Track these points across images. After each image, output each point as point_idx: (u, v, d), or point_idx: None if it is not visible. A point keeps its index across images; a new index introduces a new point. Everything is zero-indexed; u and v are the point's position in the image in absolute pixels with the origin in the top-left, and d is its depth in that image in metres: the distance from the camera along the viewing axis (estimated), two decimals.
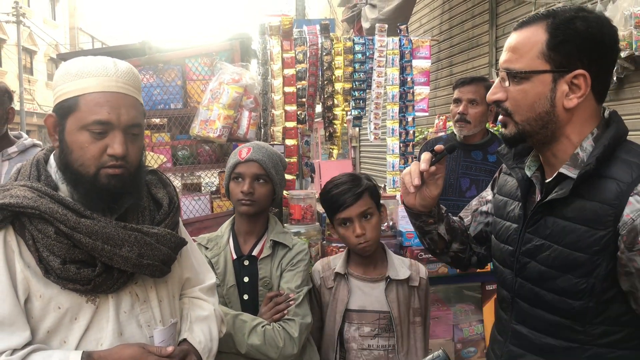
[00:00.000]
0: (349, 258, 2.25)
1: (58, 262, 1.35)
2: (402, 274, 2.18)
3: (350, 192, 2.10)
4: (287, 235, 2.25)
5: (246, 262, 2.17)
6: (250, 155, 2.17)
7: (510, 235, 1.52)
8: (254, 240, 2.23)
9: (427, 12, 8.04)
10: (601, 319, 1.33)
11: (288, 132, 3.94)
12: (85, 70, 1.40)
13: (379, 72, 4.17)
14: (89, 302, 1.41)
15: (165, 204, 1.58)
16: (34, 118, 27.23)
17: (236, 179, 2.19)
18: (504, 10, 5.87)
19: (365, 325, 2.15)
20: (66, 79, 1.40)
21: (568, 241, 1.34)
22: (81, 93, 1.39)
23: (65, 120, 1.40)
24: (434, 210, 1.67)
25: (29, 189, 1.37)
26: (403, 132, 4.25)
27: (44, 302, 1.36)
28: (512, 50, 1.40)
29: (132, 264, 1.42)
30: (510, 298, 1.52)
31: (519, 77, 1.38)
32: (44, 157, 1.50)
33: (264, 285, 2.14)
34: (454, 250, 1.75)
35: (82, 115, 1.38)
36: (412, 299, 2.19)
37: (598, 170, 1.31)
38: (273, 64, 3.97)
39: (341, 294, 2.17)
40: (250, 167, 2.16)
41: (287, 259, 2.17)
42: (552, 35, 1.33)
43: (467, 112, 3.14)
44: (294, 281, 2.12)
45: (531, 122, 1.39)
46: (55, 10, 30.69)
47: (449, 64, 7.29)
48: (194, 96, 3.62)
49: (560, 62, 1.33)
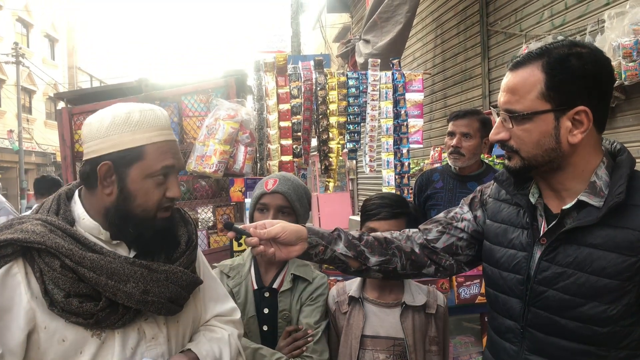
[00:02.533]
0: (365, 282, 2.21)
1: (62, 295, 1.37)
2: (418, 300, 2.13)
3: (389, 207, 2.10)
4: (307, 269, 2.24)
5: (267, 294, 2.17)
6: (276, 187, 2.19)
7: (518, 263, 1.50)
8: (275, 271, 2.22)
9: (420, 46, 8.18)
10: (626, 343, 1.34)
11: (284, 165, 3.96)
12: (145, 120, 1.47)
13: (372, 105, 4.22)
14: (94, 337, 1.42)
15: (183, 242, 1.60)
16: (33, 157, 27.31)
17: (261, 210, 2.22)
18: (495, 43, 5.98)
19: (380, 351, 2.08)
20: (123, 129, 1.45)
21: (595, 268, 1.34)
22: (146, 143, 1.46)
23: (128, 169, 1.45)
24: (312, 241, 1.62)
25: (42, 223, 1.41)
26: (398, 164, 4.28)
27: (48, 334, 1.38)
28: (511, 91, 1.42)
29: (135, 300, 1.42)
30: (520, 328, 1.49)
31: (521, 118, 1.40)
32: (67, 193, 1.56)
33: (283, 318, 2.14)
34: (376, 264, 1.67)
35: (149, 163, 1.45)
36: (429, 327, 2.13)
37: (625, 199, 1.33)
38: (268, 99, 4.02)
39: (356, 319, 2.13)
40: (275, 198, 2.18)
41: (307, 292, 2.17)
42: (549, 75, 1.36)
43: (461, 145, 3.19)
44: (313, 316, 2.12)
45: (537, 157, 1.42)
46: (54, 51, 31.09)
47: (443, 96, 7.37)
48: (190, 132, 3.66)
49: (561, 100, 1.36)
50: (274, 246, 1.58)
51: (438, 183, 3.49)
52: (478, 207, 1.72)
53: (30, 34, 28.11)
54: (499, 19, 5.87)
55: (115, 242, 1.50)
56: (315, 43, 19.73)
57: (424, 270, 1.72)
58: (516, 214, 1.56)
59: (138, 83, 3.79)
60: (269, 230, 1.56)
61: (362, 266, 1.67)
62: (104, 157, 1.44)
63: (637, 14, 3.49)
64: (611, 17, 3.71)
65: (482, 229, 1.68)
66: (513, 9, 5.57)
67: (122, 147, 1.44)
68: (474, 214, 1.71)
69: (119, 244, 1.51)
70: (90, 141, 1.46)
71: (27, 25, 27.79)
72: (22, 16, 26.89)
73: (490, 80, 6.11)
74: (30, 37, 28.01)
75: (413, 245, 1.71)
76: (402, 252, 1.70)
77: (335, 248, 1.64)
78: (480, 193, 1.74)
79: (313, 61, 4.22)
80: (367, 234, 1.72)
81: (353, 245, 1.66)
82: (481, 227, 1.68)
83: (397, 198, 2.18)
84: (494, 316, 1.62)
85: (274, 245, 1.58)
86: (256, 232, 1.55)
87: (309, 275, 2.20)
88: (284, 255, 1.60)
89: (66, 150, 3.58)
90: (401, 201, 2.16)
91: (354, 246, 1.66)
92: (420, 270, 1.72)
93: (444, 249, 1.70)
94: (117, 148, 1.44)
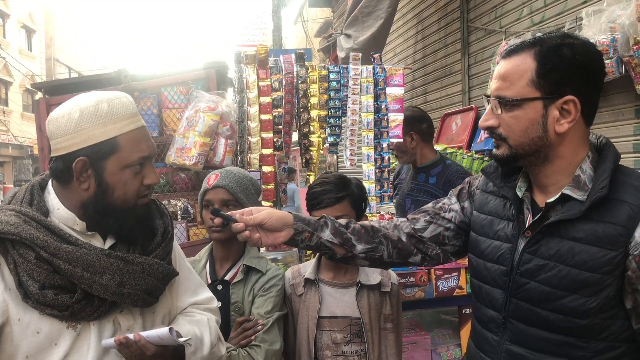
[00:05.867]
0: (320, 263, 2.22)
1: (36, 287, 1.35)
2: (373, 279, 2.16)
3: (330, 193, 2.09)
4: (261, 261, 2.24)
5: (219, 286, 2.17)
6: (217, 181, 2.18)
7: (503, 254, 1.52)
8: (229, 265, 2.23)
9: (401, 41, 8.21)
10: (605, 335, 1.36)
11: (265, 159, 3.95)
12: (115, 110, 1.45)
13: (353, 99, 4.22)
14: (69, 328, 1.41)
15: (159, 233, 1.59)
16: (10, 149, 26.85)
17: (206, 207, 2.22)
18: (475, 39, 6.03)
19: (337, 332, 2.11)
20: (94, 122, 1.42)
21: (577, 261, 1.36)
22: (118, 133, 1.44)
23: (104, 162, 1.43)
24: (297, 228, 1.64)
25: (16, 214, 1.39)
26: (378, 158, 4.29)
27: (22, 326, 1.36)
28: (502, 78, 1.44)
29: (111, 292, 1.41)
30: (501, 319, 1.52)
31: (510, 105, 1.42)
32: (40, 183, 1.53)
33: (235, 310, 2.14)
34: (362, 252, 1.69)
35: (125, 154, 1.45)
36: (384, 305, 2.16)
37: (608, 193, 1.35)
38: (249, 92, 4.00)
39: (312, 300, 2.14)
40: (218, 193, 2.18)
41: (259, 284, 2.17)
42: (540, 63, 1.38)
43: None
44: (265, 306, 2.11)
45: (524, 146, 1.44)
46: (31, 42, 30.55)
47: (423, 92, 7.41)
48: (170, 124, 3.63)
49: (550, 88, 1.38)
50: (260, 232, 1.60)
51: (403, 175, 3.78)
52: (466, 199, 1.74)
53: (7, 24, 27.58)
54: (479, 15, 5.92)
55: (90, 233, 1.49)
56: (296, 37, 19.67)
57: (410, 259, 1.74)
58: (502, 206, 1.58)
59: (117, 74, 3.73)
60: (255, 216, 1.58)
61: (349, 253, 1.69)
62: (77, 152, 1.42)
63: (614, 12, 3.55)
64: (589, 14, 3.77)
65: (469, 220, 1.70)
66: (493, 5, 5.62)
67: (95, 140, 1.42)
68: (462, 205, 1.74)
69: (93, 234, 1.50)
70: (59, 137, 1.43)
71: (2, 15, 27.27)
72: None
73: (470, 76, 6.16)
74: (6, 27, 27.48)
75: (400, 234, 1.73)
76: (388, 241, 1.71)
77: (321, 235, 1.66)
78: (468, 184, 1.77)
79: (294, 54, 4.20)
80: (354, 222, 1.74)
81: (339, 233, 1.68)
82: (468, 218, 1.71)
83: (337, 181, 2.14)
84: (478, 306, 1.64)
85: (259, 231, 1.60)
86: (242, 219, 1.57)
87: (262, 267, 2.20)
88: (270, 241, 1.62)
89: (44, 142, 3.52)
90: (342, 183, 2.13)
91: (340, 233, 1.67)
92: (406, 258, 1.74)
93: (431, 239, 1.72)
94: (90, 142, 1.42)
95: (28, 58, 29.04)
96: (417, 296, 2.69)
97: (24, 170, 28.17)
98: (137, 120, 1.50)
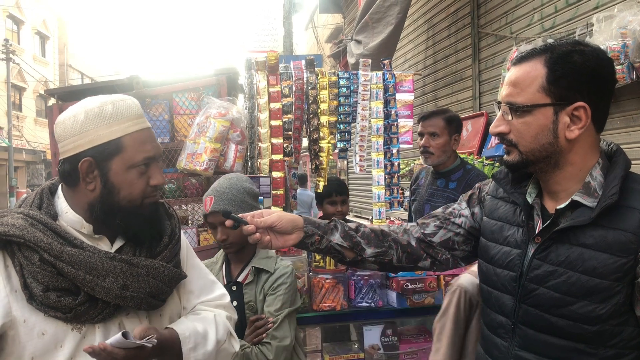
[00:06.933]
0: None
1: (40, 288, 1.37)
2: None
3: None
4: (269, 261, 2.35)
5: (234, 287, 2.30)
6: (212, 207, 2.27)
7: (512, 260, 1.52)
8: (242, 266, 2.35)
9: (412, 47, 8.21)
10: (615, 341, 1.36)
11: (275, 164, 3.97)
12: (119, 111, 1.47)
13: (363, 105, 4.24)
14: (74, 330, 1.42)
15: (167, 235, 1.60)
16: (23, 155, 27.11)
17: (212, 227, 2.35)
18: (486, 45, 6.02)
19: None
20: (99, 123, 1.45)
21: (587, 267, 1.35)
22: (123, 134, 1.46)
23: (109, 163, 1.45)
24: (307, 230, 1.64)
25: (23, 217, 1.41)
26: (388, 163, 4.30)
27: (28, 327, 1.38)
28: (513, 84, 1.44)
29: (114, 295, 1.42)
30: (511, 324, 1.51)
31: (521, 111, 1.42)
32: (50, 187, 1.56)
33: (249, 309, 2.28)
34: (372, 255, 1.70)
35: (130, 154, 1.46)
36: None
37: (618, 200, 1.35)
38: (259, 98, 4.03)
39: None
40: (217, 217, 2.26)
41: (269, 283, 2.29)
42: (551, 70, 1.38)
43: (429, 144, 3.35)
44: (274, 304, 2.24)
45: (535, 152, 1.44)
46: (45, 48, 30.89)
47: (433, 97, 7.41)
48: (181, 130, 3.66)
49: (561, 95, 1.38)
50: (270, 235, 1.61)
51: (421, 180, 3.69)
52: (476, 204, 1.74)
53: (21, 30, 27.92)
54: (490, 21, 5.91)
55: (97, 236, 1.50)
56: (307, 43, 19.76)
57: (419, 264, 1.75)
58: (512, 212, 1.58)
59: (129, 80, 3.78)
60: (266, 219, 1.59)
61: (358, 257, 1.70)
62: (83, 153, 1.44)
63: (625, 17, 3.53)
64: (600, 20, 3.75)
65: (479, 225, 1.70)
66: (504, 11, 5.61)
67: (99, 141, 1.44)
68: (472, 210, 1.74)
69: (101, 238, 1.51)
70: (65, 139, 1.46)
71: (17, 22, 27.62)
72: (13, 13, 26.72)
73: (481, 82, 6.14)
74: (21, 34, 27.83)
75: (410, 239, 1.73)
76: (398, 245, 1.72)
77: (331, 238, 1.67)
78: (478, 190, 1.77)
79: (304, 60, 4.23)
80: (363, 226, 1.75)
81: (349, 236, 1.68)
82: (478, 224, 1.70)
83: None
84: (487, 312, 1.64)
85: (270, 233, 1.61)
86: (253, 221, 1.58)
87: (270, 267, 2.32)
88: (280, 243, 1.63)
89: (56, 147, 3.56)
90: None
91: (350, 237, 1.68)
92: (416, 263, 1.75)
93: (441, 244, 1.73)
94: (95, 143, 1.44)
95: (42, 64, 29.37)
96: (427, 302, 2.68)
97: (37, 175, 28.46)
98: (142, 121, 1.51)
